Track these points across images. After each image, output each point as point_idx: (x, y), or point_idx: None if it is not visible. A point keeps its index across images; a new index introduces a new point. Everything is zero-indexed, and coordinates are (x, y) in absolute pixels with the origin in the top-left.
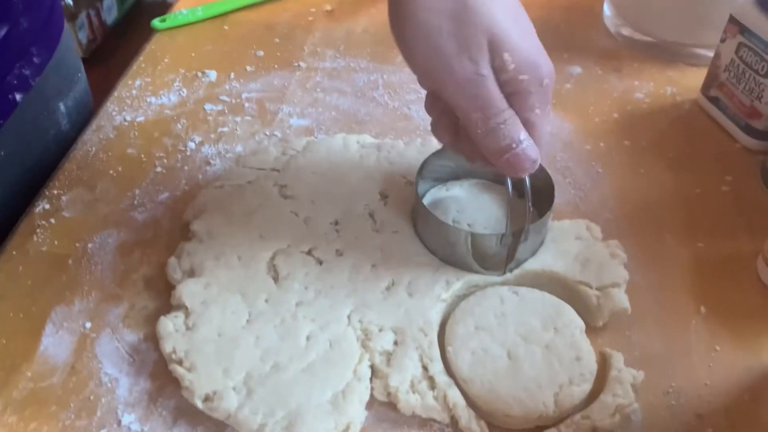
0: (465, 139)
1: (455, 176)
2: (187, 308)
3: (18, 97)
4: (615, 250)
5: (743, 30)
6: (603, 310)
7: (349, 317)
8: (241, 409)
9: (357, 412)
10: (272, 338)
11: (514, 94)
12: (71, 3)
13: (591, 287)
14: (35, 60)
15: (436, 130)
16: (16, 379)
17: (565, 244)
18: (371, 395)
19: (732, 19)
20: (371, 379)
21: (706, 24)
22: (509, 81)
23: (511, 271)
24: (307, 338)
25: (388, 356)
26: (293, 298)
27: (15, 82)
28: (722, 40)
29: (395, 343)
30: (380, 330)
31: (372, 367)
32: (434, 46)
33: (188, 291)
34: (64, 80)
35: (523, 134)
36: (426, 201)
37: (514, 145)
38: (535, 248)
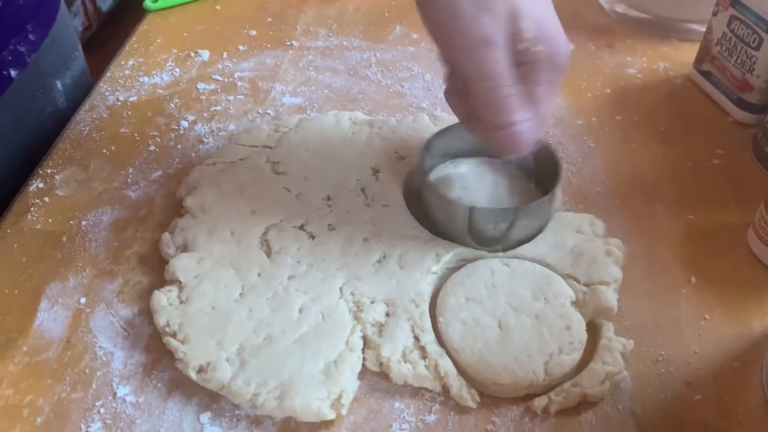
0: (468, 106)
1: (462, 154)
2: (180, 282)
3: (13, 73)
4: (612, 248)
5: (735, 3)
6: (587, 306)
7: (341, 290)
8: (234, 380)
9: (349, 381)
10: (265, 311)
11: (525, 64)
12: None
13: (579, 282)
14: (31, 37)
15: (449, 96)
16: (12, 353)
17: (563, 235)
18: (363, 366)
19: None
20: (363, 349)
21: None
22: (524, 50)
23: (505, 250)
24: (300, 311)
25: (380, 327)
26: (285, 272)
27: (10, 58)
28: (714, 14)
29: (387, 314)
30: (372, 302)
31: (364, 338)
32: (453, 5)
33: (181, 265)
34: (60, 58)
35: (524, 113)
36: (431, 177)
37: (510, 123)
38: (534, 229)
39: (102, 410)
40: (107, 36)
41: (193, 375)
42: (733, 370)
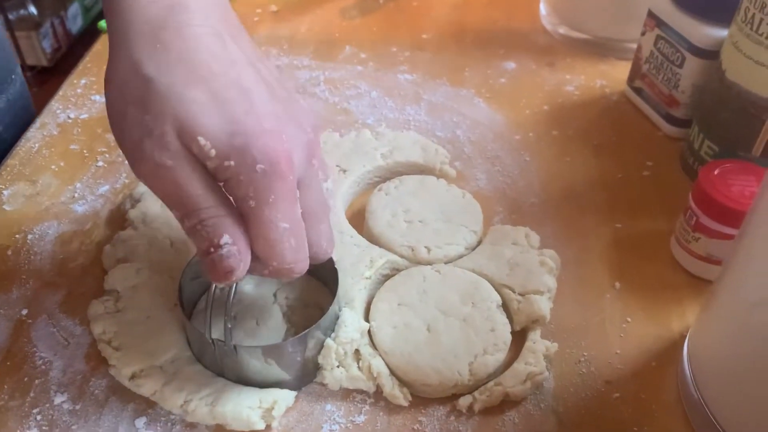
0: None
1: None
2: (118, 292)
3: None
4: (546, 259)
5: (660, 23)
6: (521, 315)
7: (275, 295)
8: (166, 386)
9: (283, 391)
10: (198, 319)
11: (226, 182)
12: (35, 12)
13: (514, 291)
14: None
15: None
16: None
17: (500, 247)
18: None
19: (650, 13)
20: None
21: (632, 19)
22: (217, 169)
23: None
24: (234, 317)
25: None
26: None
27: None
28: (643, 33)
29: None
30: (305, 306)
31: None
32: (120, 134)
33: (119, 275)
34: None
35: (225, 237)
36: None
37: (212, 249)
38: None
39: (39, 417)
40: (77, 57)
41: (125, 381)
42: (651, 369)
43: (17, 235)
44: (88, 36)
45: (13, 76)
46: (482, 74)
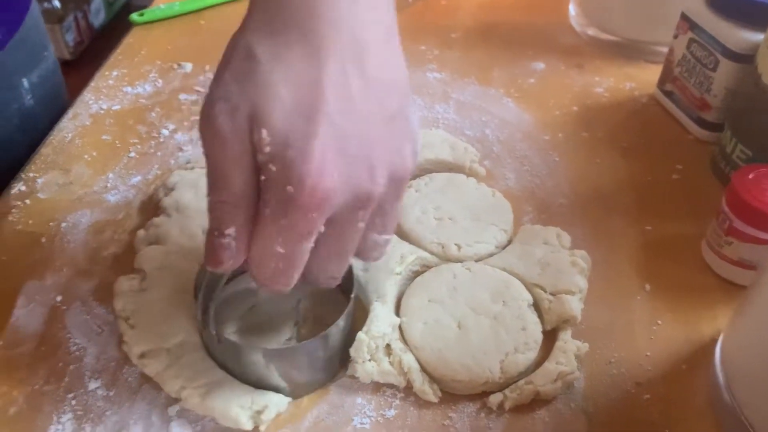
0: None
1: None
2: (144, 272)
3: None
4: (578, 259)
5: (693, 26)
6: (552, 314)
7: (298, 301)
8: (167, 370)
9: (276, 398)
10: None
11: (264, 180)
12: (59, 6)
13: (545, 291)
14: None
15: None
16: None
17: (530, 246)
18: None
19: (683, 16)
20: None
21: (663, 22)
22: (263, 164)
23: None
24: (251, 309)
25: None
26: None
27: None
28: (675, 36)
29: None
30: (315, 323)
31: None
32: (215, 80)
33: (148, 255)
34: (29, 57)
35: (231, 229)
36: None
37: (216, 233)
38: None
39: (74, 402)
40: (98, 50)
41: (134, 359)
42: (681, 371)
43: (51, 223)
44: (110, 30)
45: (45, 53)
46: (511, 74)
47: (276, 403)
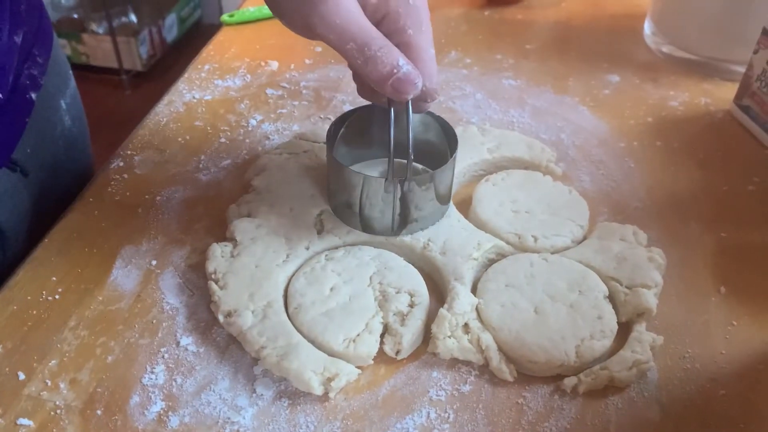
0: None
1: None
2: (236, 241)
3: (33, 96)
4: (655, 255)
5: None
6: (628, 306)
7: (370, 278)
8: (250, 329)
9: (348, 368)
10: (300, 282)
11: (384, 17)
12: (135, 20)
13: (621, 284)
14: (39, 60)
15: (359, 90)
16: (89, 301)
17: (607, 242)
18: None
19: (765, 32)
20: (383, 335)
21: (739, 40)
22: (378, 6)
23: (396, 233)
24: (331, 289)
25: (402, 317)
26: (325, 253)
27: (28, 82)
28: (755, 51)
29: (410, 305)
30: (397, 292)
31: (386, 325)
32: None
33: (241, 227)
34: (60, 78)
35: (401, 59)
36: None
37: (395, 70)
38: (429, 208)
39: (166, 355)
40: (169, 65)
41: (221, 317)
42: (758, 371)
43: (147, 196)
44: (181, 46)
45: (69, 72)
46: (586, 84)
47: (347, 372)
